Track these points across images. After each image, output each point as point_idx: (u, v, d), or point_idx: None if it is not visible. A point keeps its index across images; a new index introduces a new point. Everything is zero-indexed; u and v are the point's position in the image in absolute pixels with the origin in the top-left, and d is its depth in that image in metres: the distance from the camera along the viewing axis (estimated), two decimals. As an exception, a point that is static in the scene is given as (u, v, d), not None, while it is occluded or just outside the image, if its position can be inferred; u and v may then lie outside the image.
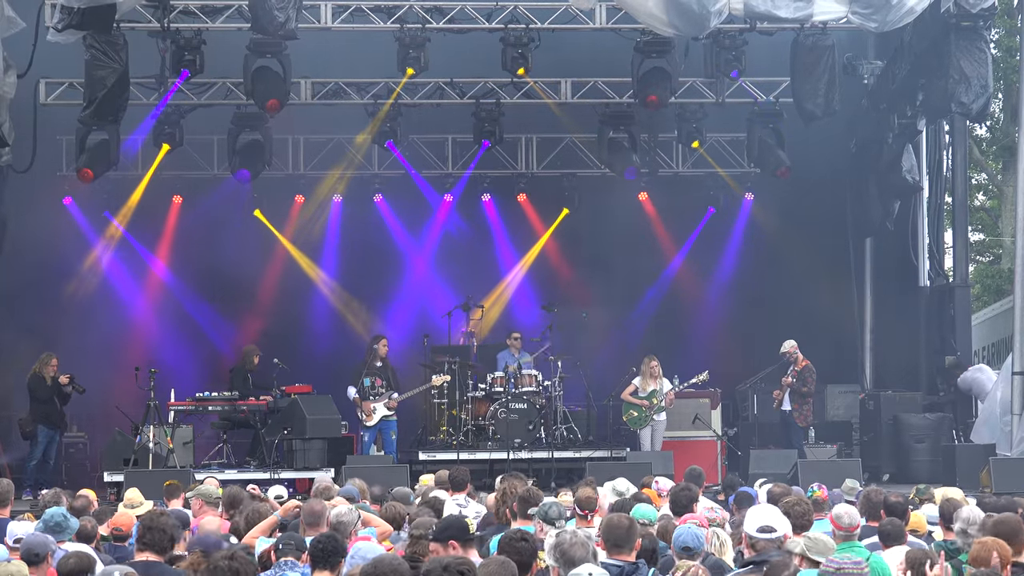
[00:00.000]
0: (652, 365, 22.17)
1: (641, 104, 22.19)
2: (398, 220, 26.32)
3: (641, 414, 22.10)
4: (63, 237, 25.03)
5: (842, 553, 7.91)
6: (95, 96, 20.02)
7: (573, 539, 7.21)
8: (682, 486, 12.14)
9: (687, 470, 14.88)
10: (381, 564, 6.93)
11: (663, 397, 22.06)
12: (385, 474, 17.95)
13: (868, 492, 11.96)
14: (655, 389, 22.07)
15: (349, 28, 21.43)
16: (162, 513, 9.01)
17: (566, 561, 7.10)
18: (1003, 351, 27.80)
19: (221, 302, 25.53)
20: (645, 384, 22.15)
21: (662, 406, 22.10)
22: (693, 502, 11.70)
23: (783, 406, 22.19)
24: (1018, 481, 18.15)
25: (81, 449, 23.78)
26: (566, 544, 7.17)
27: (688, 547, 8.82)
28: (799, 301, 25.19)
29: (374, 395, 22.15)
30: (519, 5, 21.33)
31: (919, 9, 19.45)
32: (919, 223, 24.53)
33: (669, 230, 26.28)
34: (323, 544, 8.39)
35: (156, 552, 8.84)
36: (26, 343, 22.62)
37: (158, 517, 8.93)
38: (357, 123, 24.40)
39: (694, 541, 8.89)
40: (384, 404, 22.12)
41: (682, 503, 11.58)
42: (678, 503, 11.62)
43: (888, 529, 10.36)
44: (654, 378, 22.14)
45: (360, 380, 22.19)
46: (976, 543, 8.00)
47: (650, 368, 22.14)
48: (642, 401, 22.12)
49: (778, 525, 8.39)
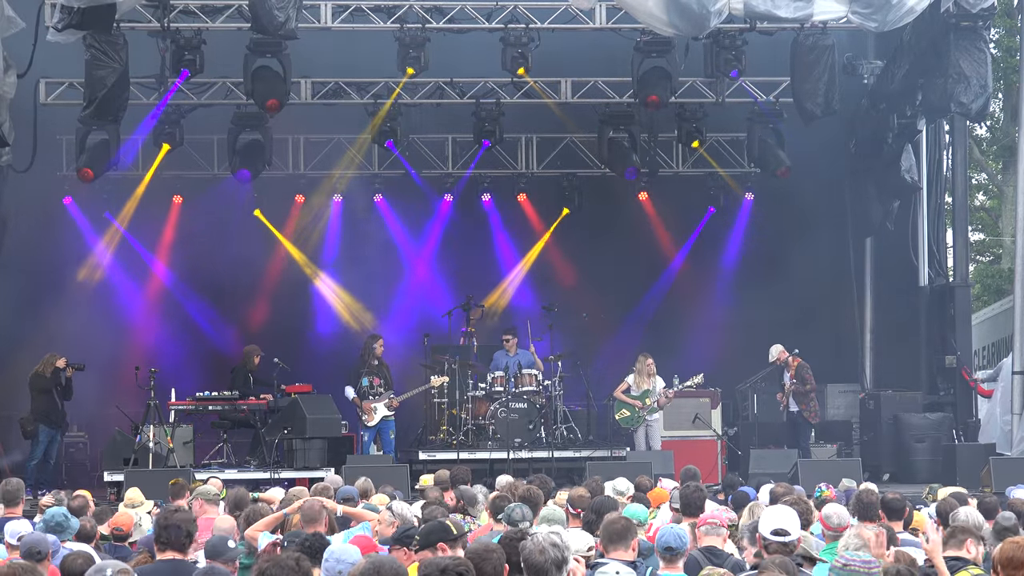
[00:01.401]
0: (647, 363, 22.10)
1: (642, 104, 22.19)
2: (398, 220, 26.31)
3: (634, 414, 22.05)
4: (63, 237, 25.03)
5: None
6: (95, 96, 20.03)
7: (533, 545, 7.13)
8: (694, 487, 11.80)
9: (683, 469, 14.82)
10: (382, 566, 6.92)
11: (656, 397, 22.00)
12: (385, 474, 17.94)
13: (860, 492, 11.86)
14: (648, 389, 22.00)
15: (349, 28, 21.44)
16: (176, 509, 8.99)
17: (528, 567, 7.03)
18: (1003, 351, 27.82)
19: (221, 302, 25.53)
20: (639, 382, 22.08)
21: (655, 406, 22.05)
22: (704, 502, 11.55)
23: (790, 408, 22.15)
24: (1018, 481, 18.12)
25: (81, 449, 23.79)
26: (526, 551, 7.11)
27: (671, 547, 8.78)
28: (799, 301, 25.18)
29: (373, 395, 22.14)
30: (519, 5, 21.34)
31: (919, 9, 19.45)
32: (919, 223, 24.52)
33: (669, 230, 26.27)
34: (310, 542, 8.46)
35: (176, 550, 8.81)
36: (26, 343, 22.62)
37: (172, 514, 8.91)
38: (357, 123, 24.40)
39: (676, 541, 8.85)
40: (384, 404, 22.11)
41: (695, 504, 11.20)
42: (690, 505, 11.25)
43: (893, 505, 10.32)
44: (649, 376, 22.06)
45: (358, 380, 22.18)
46: (1008, 542, 7.68)
47: (645, 366, 22.08)
48: (634, 401, 22.09)
49: (792, 528, 8.37)
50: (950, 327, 23.74)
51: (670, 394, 22.13)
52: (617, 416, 22.23)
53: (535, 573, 6.90)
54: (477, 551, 7.27)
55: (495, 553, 7.27)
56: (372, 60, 22.86)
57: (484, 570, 7.10)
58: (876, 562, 7.55)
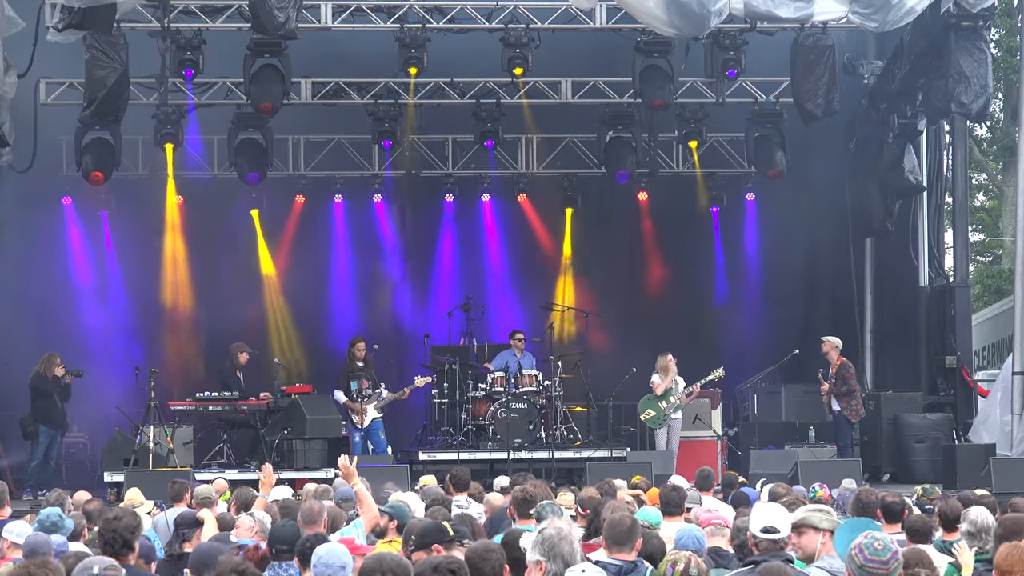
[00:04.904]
0: (668, 361, 21.97)
1: (647, 107, 22.22)
2: (398, 220, 26.31)
3: (659, 413, 21.89)
4: (63, 237, 25.03)
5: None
6: (95, 96, 20.03)
7: (559, 534, 7.28)
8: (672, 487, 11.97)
9: (698, 471, 14.77)
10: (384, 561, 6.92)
11: (679, 395, 21.92)
12: (386, 474, 17.92)
13: (860, 492, 11.81)
14: (671, 388, 21.93)
15: (349, 28, 21.44)
16: (116, 516, 8.90)
17: (555, 555, 7.18)
18: (1003, 351, 27.82)
19: (221, 302, 25.50)
20: (663, 382, 21.95)
21: (678, 404, 21.98)
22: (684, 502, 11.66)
23: (833, 408, 22.06)
24: (1018, 481, 18.14)
25: (81, 449, 23.78)
26: (555, 539, 7.24)
27: (689, 549, 8.78)
28: (799, 301, 25.13)
29: (363, 397, 22.11)
30: (519, 5, 21.34)
31: (919, 9, 19.45)
32: (919, 223, 24.51)
33: (669, 230, 26.26)
34: (310, 543, 8.44)
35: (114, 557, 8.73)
36: (26, 343, 22.60)
37: (111, 520, 8.83)
38: (357, 123, 24.39)
39: (695, 543, 8.86)
40: (374, 406, 22.10)
41: (675, 503, 11.49)
42: (670, 504, 11.50)
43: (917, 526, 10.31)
44: (670, 375, 21.95)
45: (348, 384, 22.16)
46: (1006, 547, 7.66)
47: (667, 364, 21.94)
48: (659, 400, 21.97)
49: (782, 525, 8.37)
50: (950, 327, 23.72)
51: (694, 390, 21.99)
52: (643, 416, 21.99)
53: (558, 559, 7.24)
54: (476, 550, 7.30)
55: (494, 552, 7.28)
56: (372, 60, 22.86)
57: (482, 570, 7.12)
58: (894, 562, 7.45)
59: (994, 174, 43.74)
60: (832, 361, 21.92)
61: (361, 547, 9.28)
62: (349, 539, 9.52)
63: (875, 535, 7.06)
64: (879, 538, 7.00)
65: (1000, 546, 7.73)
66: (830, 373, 21.87)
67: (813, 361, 22.56)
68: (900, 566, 7.02)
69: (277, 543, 9.17)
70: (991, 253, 46.28)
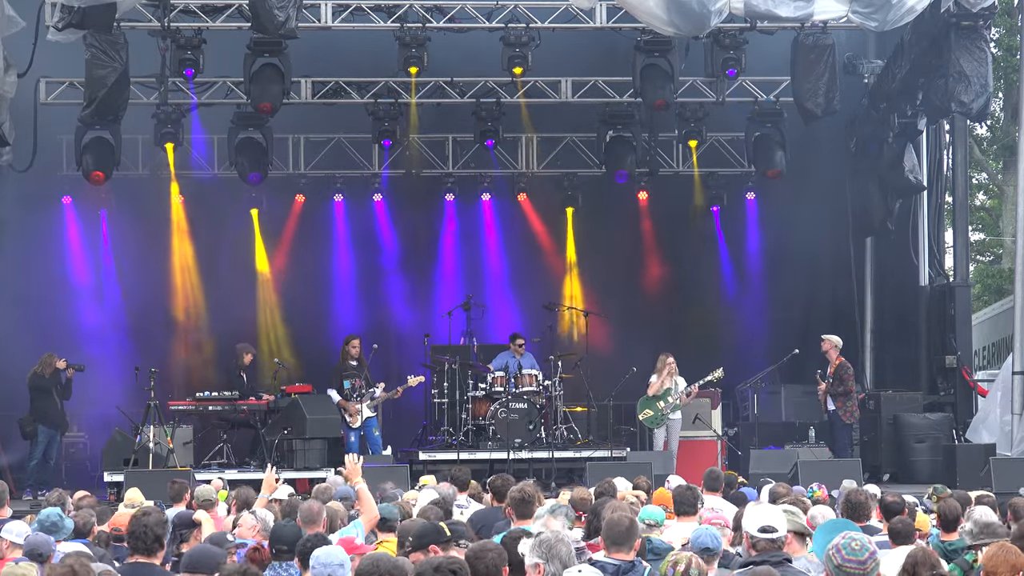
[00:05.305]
0: (669, 362, 21.95)
1: (647, 107, 22.22)
2: (398, 220, 26.31)
3: (657, 413, 21.89)
4: (63, 237, 25.02)
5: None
6: (95, 96, 20.03)
7: (556, 537, 7.35)
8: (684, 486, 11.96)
9: (706, 472, 14.73)
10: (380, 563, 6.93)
11: (679, 395, 21.90)
12: (386, 473, 17.92)
13: (849, 492, 11.66)
14: (669, 388, 21.90)
15: (349, 27, 21.43)
16: (145, 513, 8.93)
17: (552, 556, 7.22)
18: (1003, 351, 27.81)
19: (221, 302, 25.50)
20: (662, 382, 21.94)
21: (677, 404, 21.96)
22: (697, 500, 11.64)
23: (828, 407, 22.04)
24: (1018, 481, 18.12)
25: (81, 449, 23.77)
26: (552, 541, 7.31)
27: (708, 548, 8.66)
28: (799, 301, 25.10)
29: (356, 396, 22.10)
30: (519, 4, 21.33)
31: (919, 8, 19.44)
32: (919, 223, 24.50)
33: (669, 230, 26.25)
34: (311, 544, 8.45)
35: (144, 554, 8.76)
36: (26, 343, 22.59)
37: (140, 518, 8.86)
38: (357, 122, 24.39)
39: (713, 542, 8.76)
40: (367, 405, 22.09)
41: (688, 502, 11.47)
42: (683, 503, 11.48)
43: (899, 527, 10.28)
44: (670, 375, 21.94)
45: (341, 383, 22.15)
46: (992, 547, 7.66)
47: (667, 365, 21.94)
48: (657, 400, 21.96)
49: (779, 525, 8.36)
50: (950, 327, 23.72)
51: (692, 390, 21.97)
52: (641, 416, 22.01)
53: (557, 560, 7.27)
54: (475, 549, 7.31)
55: (492, 552, 7.28)
56: (372, 60, 22.86)
57: (477, 568, 7.12)
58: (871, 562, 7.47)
59: (994, 173, 43.73)
60: (831, 360, 21.92)
61: (361, 547, 9.29)
62: (349, 539, 9.53)
63: (853, 535, 7.05)
64: (856, 538, 6.99)
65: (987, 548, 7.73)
66: (828, 372, 21.87)
67: (813, 361, 22.55)
68: (878, 566, 7.01)
69: (277, 543, 9.18)
70: (991, 253, 46.27)
